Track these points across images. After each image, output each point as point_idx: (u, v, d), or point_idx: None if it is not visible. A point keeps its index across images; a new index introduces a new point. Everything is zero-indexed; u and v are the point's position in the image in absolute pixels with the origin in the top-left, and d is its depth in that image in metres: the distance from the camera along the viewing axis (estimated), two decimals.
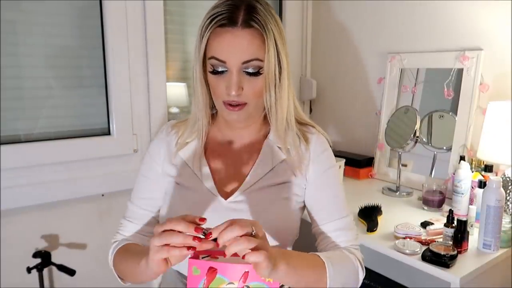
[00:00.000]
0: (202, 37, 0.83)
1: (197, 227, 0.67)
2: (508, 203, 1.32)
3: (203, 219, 0.69)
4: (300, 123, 0.96)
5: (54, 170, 1.55)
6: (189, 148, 0.94)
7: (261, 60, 0.82)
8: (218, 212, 0.88)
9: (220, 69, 0.83)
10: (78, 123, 1.63)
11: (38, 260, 1.44)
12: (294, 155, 0.91)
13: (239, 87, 0.82)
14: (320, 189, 0.93)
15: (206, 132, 0.93)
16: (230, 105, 0.84)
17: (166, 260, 0.71)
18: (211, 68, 0.84)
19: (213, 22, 0.81)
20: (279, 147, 0.92)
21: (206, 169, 0.92)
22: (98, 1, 1.58)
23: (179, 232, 0.66)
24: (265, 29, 0.81)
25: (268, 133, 0.94)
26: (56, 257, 1.53)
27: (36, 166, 1.50)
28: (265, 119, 0.95)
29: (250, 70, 0.82)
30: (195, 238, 0.66)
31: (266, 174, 0.90)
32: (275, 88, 0.85)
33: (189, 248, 0.66)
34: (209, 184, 0.90)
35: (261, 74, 0.83)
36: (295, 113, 0.94)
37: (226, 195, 0.90)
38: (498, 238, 1.18)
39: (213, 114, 0.96)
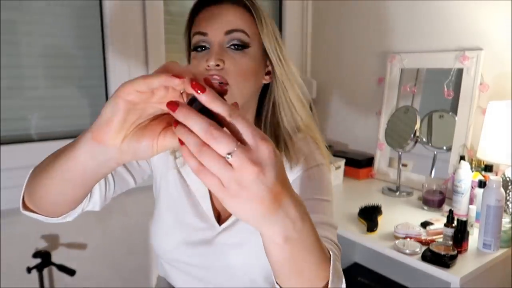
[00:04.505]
0: (188, 17, 0.77)
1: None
2: (508, 203, 1.32)
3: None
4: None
5: None
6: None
7: (247, 35, 0.73)
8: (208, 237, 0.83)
9: (202, 45, 0.74)
10: (78, 123, 1.62)
11: (38, 260, 1.44)
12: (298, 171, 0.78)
13: (219, 59, 0.71)
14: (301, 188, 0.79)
15: None
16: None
17: (125, 113, 0.46)
18: (193, 46, 0.75)
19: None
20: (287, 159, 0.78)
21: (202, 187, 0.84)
22: (98, 1, 1.58)
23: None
24: (255, 6, 0.74)
25: None
26: (56, 257, 1.53)
27: None
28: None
29: (235, 42, 0.72)
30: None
31: None
32: (283, 66, 0.74)
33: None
34: (206, 204, 0.84)
35: (247, 49, 0.73)
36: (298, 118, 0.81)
37: (220, 219, 0.84)
38: (498, 238, 1.18)
39: None
